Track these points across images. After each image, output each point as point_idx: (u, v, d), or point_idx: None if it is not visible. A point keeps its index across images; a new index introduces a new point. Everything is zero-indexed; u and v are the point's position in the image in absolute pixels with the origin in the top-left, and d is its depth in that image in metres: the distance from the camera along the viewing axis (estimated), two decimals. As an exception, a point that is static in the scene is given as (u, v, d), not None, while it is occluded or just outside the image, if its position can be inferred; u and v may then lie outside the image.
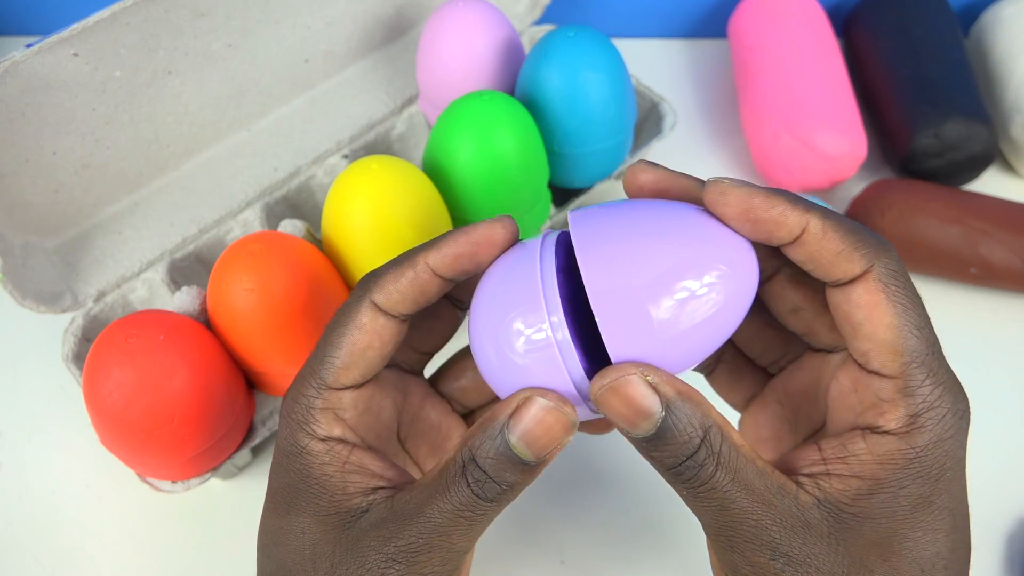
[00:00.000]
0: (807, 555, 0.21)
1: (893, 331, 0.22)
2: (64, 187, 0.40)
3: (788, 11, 0.48)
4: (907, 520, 0.21)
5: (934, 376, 0.22)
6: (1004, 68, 0.48)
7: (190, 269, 0.41)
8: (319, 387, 0.25)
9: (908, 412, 0.22)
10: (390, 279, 0.25)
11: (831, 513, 0.21)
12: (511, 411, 0.22)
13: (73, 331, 0.38)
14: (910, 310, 0.22)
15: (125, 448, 0.32)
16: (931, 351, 0.22)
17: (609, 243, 0.22)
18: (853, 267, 0.22)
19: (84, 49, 0.36)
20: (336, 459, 0.24)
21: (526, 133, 0.36)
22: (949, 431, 0.22)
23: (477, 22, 0.40)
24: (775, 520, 0.21)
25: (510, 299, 0.23)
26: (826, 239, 0.22)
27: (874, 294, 0.22)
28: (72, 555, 0.37)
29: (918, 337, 0.22)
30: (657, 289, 0.21)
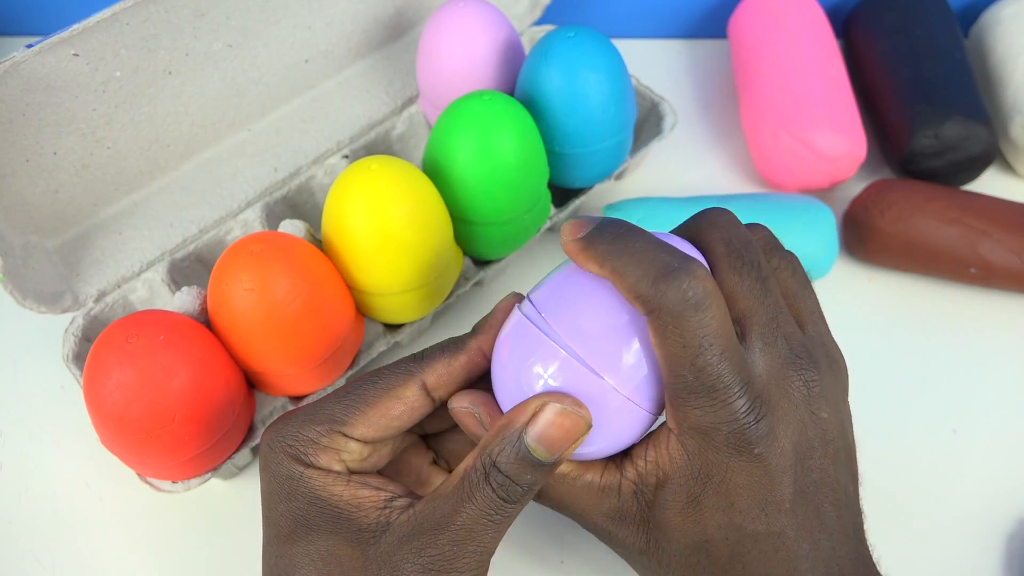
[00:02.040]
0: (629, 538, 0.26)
1: (662, 364, 0.24)
2: (64, 187, 0.40)
3: (788, 11, 0.48)
4: (681, 512, 0.25)
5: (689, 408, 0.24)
6: (1004, 68, 0.48)
7: (190, 269, 0.41)
8: (331, 429, 0.25)
9: (675, 417, 0.25)
10: (443, 363, 0.27)
11: (641, 499, 0.26)
12: (528, 417, 0.24)
13: (73, 331, 0.38)
14: (680, 356, 0.24)
15: (125, 448, 0.32)
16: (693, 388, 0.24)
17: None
18: (640, 310, 0.24)
19: (84, 49, 0.36)
20: (339, 480, 0.25)
21: (526, 133, 0.36)
22: (715, 445, 0.24)
23: (477, 22, 0.40)
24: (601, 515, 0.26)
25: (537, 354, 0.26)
26: (619, 287, 0.24)
27: (651, 334, 0.24)
28: (72, 555, 0.37)
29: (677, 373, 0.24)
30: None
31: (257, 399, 0.37)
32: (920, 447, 0.40)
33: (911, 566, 0.37)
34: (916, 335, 0.43)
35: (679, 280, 0.23)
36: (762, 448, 0.24)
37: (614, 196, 0.47)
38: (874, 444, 0.40)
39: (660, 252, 0.24)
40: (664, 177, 0.49)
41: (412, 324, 0.39)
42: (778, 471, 0.24)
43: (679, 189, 0.48)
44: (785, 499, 0.24)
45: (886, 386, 0.41)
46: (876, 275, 0.45)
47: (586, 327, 0.25)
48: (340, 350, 0.35)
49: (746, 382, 0.24)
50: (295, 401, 0.37)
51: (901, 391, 0.41)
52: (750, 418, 0.24)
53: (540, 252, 0.46)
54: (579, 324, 0.25)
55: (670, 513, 0.25)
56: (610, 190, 0.48)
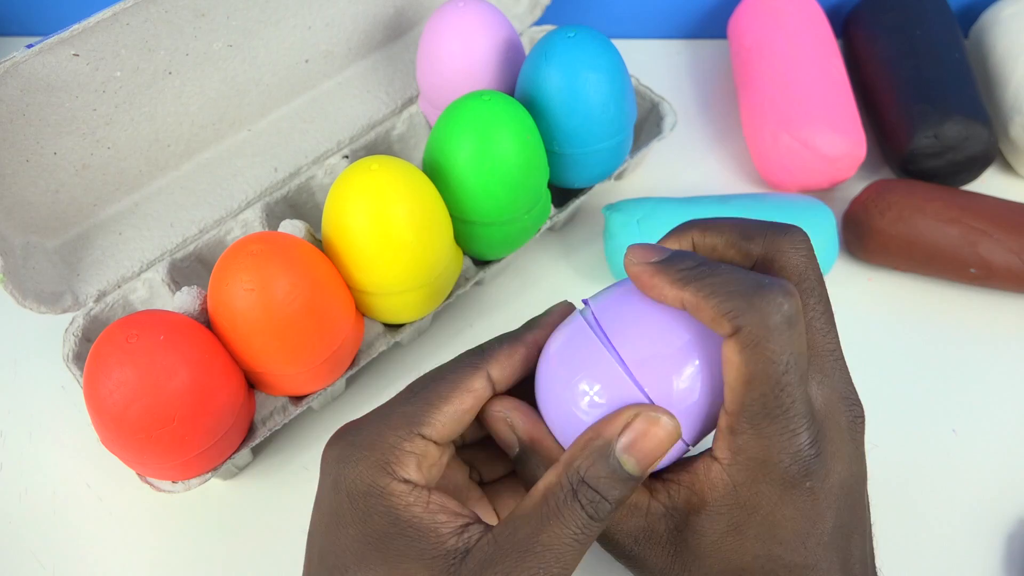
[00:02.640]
0: (651, 559, 0.25)
1: (737, 386, 0.23)
2: (65, 187, 0.40)
3: (788, 11, 0.48)
4: (718, 540, 0.24)
5: (758, 431, 0.23)
6: (1004, 68, 0.48)
7: (190, 269, 0.41)
8: (410, 431, 0.25)
9: (729, 448, 0.24)
10: (505, 353, 0.27)
11: (671, 522, 0.25)
12: (619, 428, 0.23)
13: (74, 331, 0.38)
14: (762, 374, 0.23)
15: (125, 448, 0.32)
16: (765, 412, 0.23)
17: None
18: (724, 330, 0.23)
19: (84, 49, 0.36)
20: (420, 499, 0.24)
21: (526, 133, 0.36)
22: (770, 476, 0.24)
23: (477, 22, 0.40)
24: (625, 534, 0.26)
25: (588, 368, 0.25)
26: (699, 311, 0.24)
27: (732, 354, 0.23)
28: (72, 555, 0.37)
29: (758, 392, 0.23)
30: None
31: (257, 399, 0.37)
32: (920, 447, 0.40)
33: (911, 566, 0.37)
34: (916, 335, 0.43)
35: (774, 294, 0.23)
36: (815, 482, 0.24)
37: (614, 196, 0.47)
38: (874, 444, 0.40)
39: (747, 273, 0.24)
40: (664, 177, 0.49)
41: (412, 324, 0.39)
42: (824, 506, 0.24)
43: (679, 189, 0.48)
44: (826, 533, 0.24)
45: (886, 386, 0.41)
46: (876, 275, 0.45)
47: (644, 347, 0.25)
48: (340, 350, 0.36)
49: (811, 417, 0.24)
50: (295, 401, 0.37)
51: (901, 391, 0.41)
52: (812, 451, 0.24)
53: (540, 252, 0.46)
54: (637, 343, 0.25)
55: (706, 540, 0.25)
56: (610, 190, 0.48)
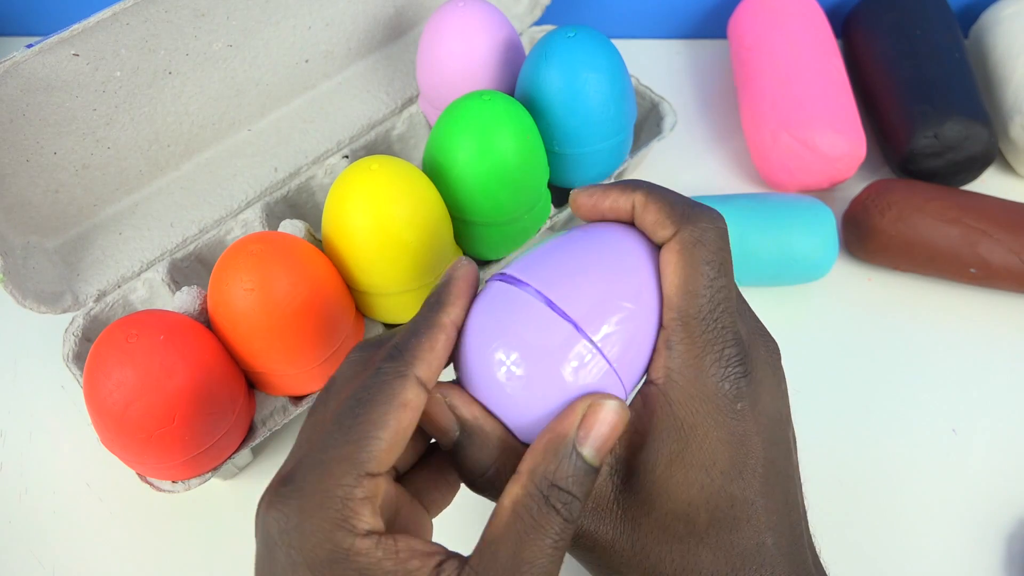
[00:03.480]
0: (600, 529, 0.24)
1: (673, 288, 0.24)
2: (65, 187, 0.40)
3: (788, 12, 0.48)
4: (663, 475, 0.24)
5: (692, 338, 0.24)
6: (1004, 68, 0.48)
7: (190, 269, 0.41)
8: (357, 475, 0.21)
9: (666, 364, 0.24)
10: (425, 348, 0.23)
11: (620, 479, 0.24)
12: (576, 423, 0.22)
13: (74, 331, 0.38)
14: (697, 274, 0.24)
15: (125, 448, 0.32)
16: (700, 316, 0.24)
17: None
18: (665, 232, 0.25)
19: (84, 49, 0.36)
20: (388, 552, 0.21)
21: (526, 133, 0.36)
22: (704, 392, 0.23)
23: (477, 22, 0.40)
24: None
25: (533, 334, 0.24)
26: (646, 211, 0.25)
27: (670, 254, 0.25)
28: (72, 555, 0.37)
29: (690, 298, 0.24)
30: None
31: (257, 399, 0.37)
32: (920, 447, 0.40)
33: (911, 566, 0.37)
34: (916, 335, 0.43)
35: (708, 210, 0.25)
36: (745, 404, 0.24)
37: (614, 196, 0.47)
38: (874, 444, 0.40)
39: (685, 196, 0.26)
40: (664, 177, 0.49)
41: (412, 324, 0.39)
42: (755, 434, 0.24)
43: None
44: (759, 465, 0.24)
45: (886, 386, 0.41)
46: (876, 275, 0.45)
47: (578, 295, 0.24)
48: (340, 350, 0.36)
49: (737, 335, 0.24)
50: (295, 401, 0.37)
51: (901, 391, 0.41)
52: (739, 370, 0.24)
53: (540, 252, 0.46)
54: (571, 291, 0.24)
55: (651, 479, 0.24)
56: (610, 190, 0.48)
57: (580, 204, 0.27)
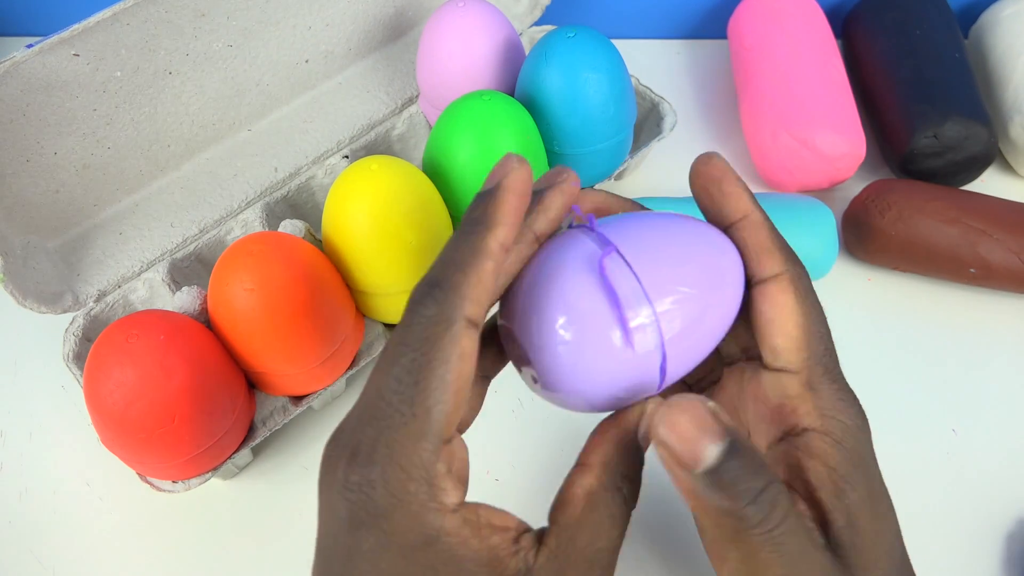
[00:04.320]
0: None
1: (800, 329, 0.23)
2: (65, 187, 0.40)
3: (788, 12, 0.48)
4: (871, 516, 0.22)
5: (832, 377, 0.23)
6: (1004, 68, 0.48)
7: (190, 269, 0.41)
8: (435, 447, 0.19)
9: (816, 406, 0.23)
10: (473, 282, 0.20)
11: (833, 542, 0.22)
12: (637, 418, 0.23)
13: (74, 331, 0.38)
14: (815, 316, 0.23)
15: (125, 448, 0.32)
16: (831, 358, 0.23)
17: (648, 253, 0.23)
18: (773, 264, 0.23)
19: (85, 49, 0.36)
20: (473, 528, 0.20)
21: (526, 133, 0.36)
22: (860, 424, 0.23)
23: (477, 22, 0.40)
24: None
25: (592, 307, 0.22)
26: (759, 231, 0.24)
27: (787, 293, 0.23)
28: (72, 555, 0.37)
29: (820, 340, 0.23)
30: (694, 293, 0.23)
31: (257, 399, 0.37)
32: (920, 447, 0.40)
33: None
34: (916, 335, 0.43)
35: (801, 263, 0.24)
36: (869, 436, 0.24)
37: (614, 196, 0.47)
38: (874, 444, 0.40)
39: None
40: (664, 177, 0.49)
41: (412, 324, 0.39)
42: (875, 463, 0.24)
43: (679, 189, 0.48)
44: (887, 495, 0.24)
45: (886, 386, 0.41)
46: (876, 275, 0.45)
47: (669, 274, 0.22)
48: (340, 350, 0.36)
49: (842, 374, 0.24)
50: (295, 401, 0.37)
51: (901, 391, 0.41)
52: (858, 406, 0.24)
53: (540, 252, 0.46)
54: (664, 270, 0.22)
55: (862, 524, 0.22)
56: (610, 190, 0.48)
57: (706, 172, 0.24)
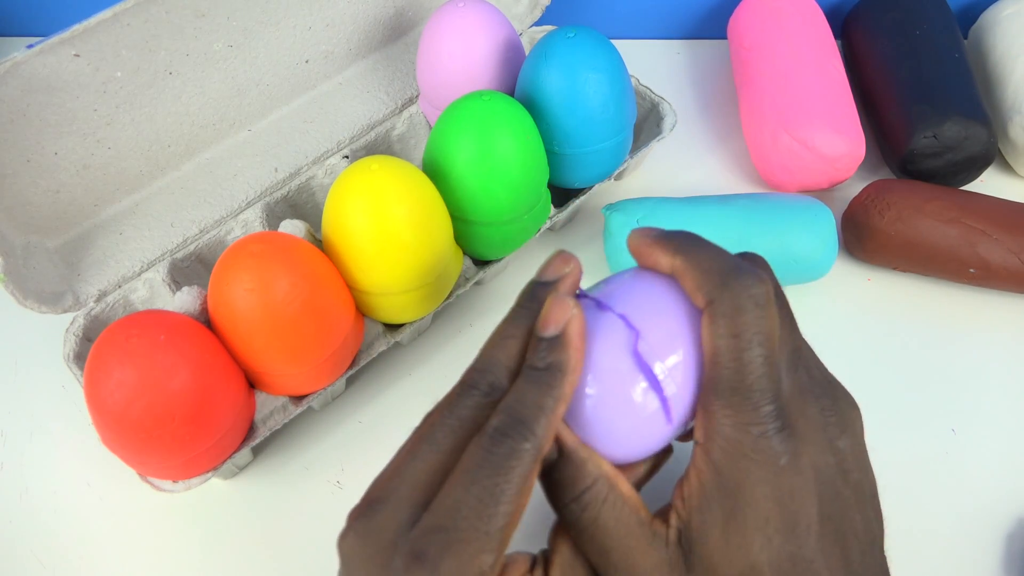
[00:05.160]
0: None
1: (705, 358, 0.25)
2: (65, 187, 0.40)
3: (787, 12, 0.48)
4: (720, 538, 0.24)
5: (729, 402, 0.24)
6: (1003, 68, 0.48)
7: (191, 269, 0.41)
8: (495, 558, 0.22)
9: (705, 425, 0.25)
10: (549, 424, 0.23)
11: (684, 544, 0.24)
12: None
13: (74, 331, 0.38)
14: (726, 347, 0.24)
15: (126, 448, 0.32)
16: (732, 384, 0.24)
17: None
18: (699, 302, 0.25)
19: (85, 50, 0.36)
20: None
21: (526, 133, 0.36)
22: (743, 449, 0.24)
23: (477, 22, 0.40)
24: (649, 568, 0.24)
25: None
26: (684, 278, 0.26)
27: (704, 326, 0.25)
28: (72, 555, 0.37)
29: (718, 369, 0.24)
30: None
31: (257, 399, 0.37)
32: (920, 447, 0.40)
33: (911, 566, 0.37)
34: (916, 335, 0.43)
35: (746, 278, 0.25)
36: (786, 461, 0.24)
37: (614, 196, 0.47)
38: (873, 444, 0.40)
39: (732, 256, 0.26)
40: (664, 177, 0.49)
41: (412, 324, 0.39)
42: (802, 489, 0.24)
43: (679, 189, 0.48)
44: (813, 521, 0.24)
45: (886, 386, 0.41)
46: (875, 275, 0.45)
47: (652, 321, 0.26)
48: (340, 350, 0.36)
49: (776, 394, 0.24)
50: (296, 401, 0.37)
51: (901, 391, 0.42)
52: (776, 425, 0.24)
53: (540, 252, 0.46)
54: (650, 322, 0.26)
55: (712, 541, 0.24)
56: (610, 190, 0.48)
57: (631, 248, 0.28)
